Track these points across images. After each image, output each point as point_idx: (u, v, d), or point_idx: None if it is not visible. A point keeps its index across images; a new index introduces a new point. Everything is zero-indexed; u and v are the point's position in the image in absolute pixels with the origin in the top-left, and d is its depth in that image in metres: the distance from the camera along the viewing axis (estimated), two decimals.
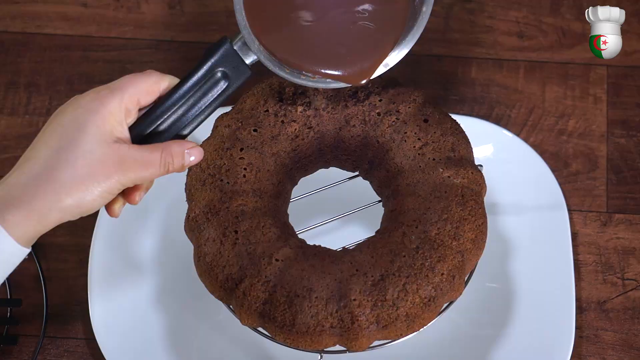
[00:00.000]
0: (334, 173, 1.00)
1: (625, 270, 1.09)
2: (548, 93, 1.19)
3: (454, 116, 0.98)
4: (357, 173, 1.00)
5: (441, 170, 0.92)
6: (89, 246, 1.08)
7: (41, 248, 1.11)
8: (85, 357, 1.07)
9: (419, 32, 0.90)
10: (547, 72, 1.20)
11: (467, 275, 0.93)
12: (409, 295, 0.88)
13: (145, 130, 0.84)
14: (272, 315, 0.88)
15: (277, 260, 0.89)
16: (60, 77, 1.22)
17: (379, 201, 0.98)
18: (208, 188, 0.93)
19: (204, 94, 0.86)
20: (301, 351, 0.91)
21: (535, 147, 1.14)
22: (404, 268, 0.88)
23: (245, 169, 0.93)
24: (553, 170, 1.12)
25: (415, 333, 0.91)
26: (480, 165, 0.96)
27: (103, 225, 1.09)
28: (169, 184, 1.08)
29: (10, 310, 1.09)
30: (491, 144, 1.12)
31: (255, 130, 0.95)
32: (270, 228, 0.91)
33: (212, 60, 0.86)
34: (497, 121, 1.17)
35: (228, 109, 0.99)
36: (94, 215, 1.11)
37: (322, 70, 0.88)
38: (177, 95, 0.85)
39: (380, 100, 0.96)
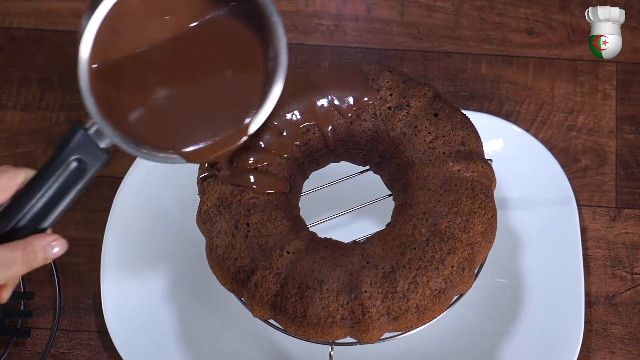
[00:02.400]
0: (345, 167, 1.01)
1: (634, 265, 1.10)
2: (557, 89, 1.20)
3: (463, 112, 0.98)
4: (367, 167, 1.00)
5: (451, 163, 0.93)
6: (101, 240, 1.09)
7: None
8: (98, 350, 1.08)
9: (273, 101, 0.88)
10: (557, 68, 1.21)
11: (477, 268, 0.94)
12: (419, 287, 0.88)
13: (4, 230, 0.82)
14: (283, 307, 0.89)
15: (288, 252, 0.90)
16: (73, 73, 1.21)
17: (390, 195, 0.99)
18: (220, 181, 0.93)
19: (62, 185, 0.83)
20: (312, 343, 0.92)
21: (545, 142, 1.15)
22: (414, 260, 0.89)
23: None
24: (562, 166, 1.12)
25: (425, 325, 0.91)
26: (490, 160, 0.96)
27: (115, 219, 1.10)
28: (180, 179, 1.09)
29: (24, 303, 1.09)
30: (501, 140, 1.13)
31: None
32: (281, 221, 0.92)
33: (66, 150, 0.82)
34: (507, 117, 1.17)
35: None
36: (107, 210, 1.12)
37: (178, 150, 0.87)
38: (33, 190, 0.82)
39: (390, 95, 0.97)
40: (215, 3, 0.84)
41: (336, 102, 0.96)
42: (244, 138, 0.88)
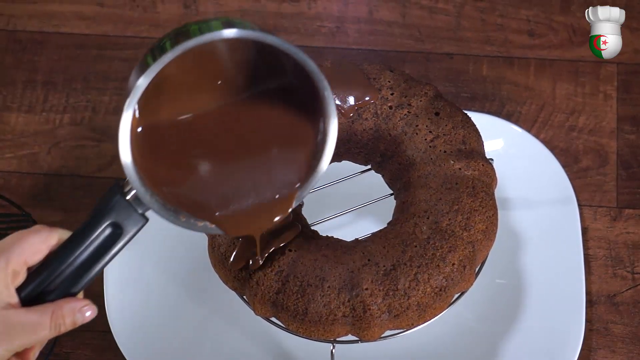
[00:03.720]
0: (347, 166, 1.01)
1: (635, 265, 1.10)
2: (558, 90, 1.20)
3: (464, 112, 0.99)
4: (369, 166, 1.01)
5: (452, 162, 0.93)
6: None
7: None
8: (101, 349, 1.08)
9: (318, 177, 0.85)
10: (558, 69, 1.21)
11: (478, 267, 0.94)
12: (421, 285, 0.89)
13: (35, 292, 0.79)
14: (285, 304, 0.89)
15: (290, 250, 0.90)
16: (77, 75, 1.23)
17: (391, 194, 0.99)
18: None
19: (96, 249, 0.80)
20: (313, 341, 0.92)
21: (546, 143, 1.15)
22: (416, 258, 0.89)
23: None
24: (563, 166, 1.13)
25: (426, 323, 0.91)
26: (491, 159, 0.97)
27: None
28: None
29: None
30: (502, 140, 1.13)
31: None
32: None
33: (103, 213, 0.80)
34: (508, 118, 1.18)
35: None
36: None
37: (217, 221, 0.84)
38: (66, 254, 0.80)
39: (392, 94, 0.97)
40: (267, 74, 0.82)
41: (337, 101, 0.96)
42: (284, 215, 0.85)
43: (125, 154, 0.77)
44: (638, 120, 1.18)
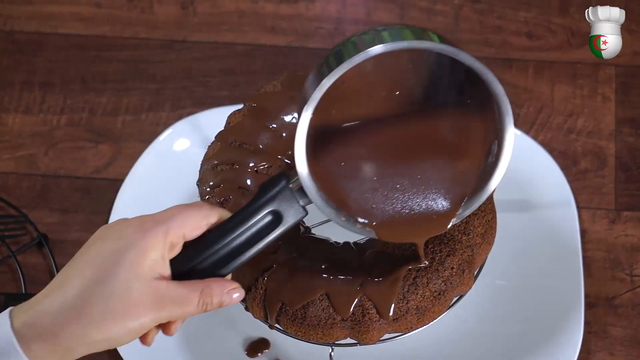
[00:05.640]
0: None
1: (634, 267, 1.10)
2: (557, 92, 1.20)
3: None
4: None
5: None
6: None
7: (56, 244, 1.12)
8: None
9: (484, 198, 0.85)
10: (556, 71, 1.21)
11: (477, 270, 0.94)
12: (419, 289, 0.89)
13: (186, 266, 0.80)
14: (283, 308, 0.89)
15: (289, 253, 0.90)
16: (75, 77, 1.23)
17: None
18: (219, 175, 0.94)
19: (253, 235, 0.81)
20: (312, 344, 0.92)
21: (544, 145, 1.15)
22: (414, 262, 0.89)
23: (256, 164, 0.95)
24: (562, 168, 1.13)
25: (425, 327, 0.91)
26: None
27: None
28: (181, 182, 1.09)
29: None
30: None
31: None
32: None
33: (265, 199, 0.81)
34: None
35: (240, 106, 1.00)
36: (108, 212, 1.12)
37: (376, 225, 0.85)
38: (223, 235, 0.80)
39: None
40: (445, 88, 0.82)
41: None
42: (445, 229, 0.85)
43: (301, 146, 0.79)
44: (636, 122, 1.18)
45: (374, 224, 0.85)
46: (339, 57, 0.76)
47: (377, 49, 0.75)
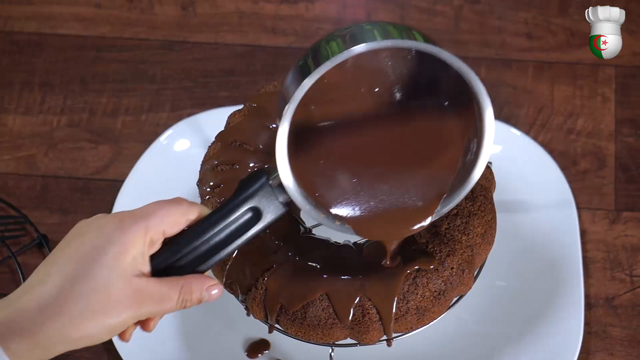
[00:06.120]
0: None
1: (634, 267, 1.10)
2: (557, 93, 1.20)
3: None
4: None
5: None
6: None
7: (56, 245, 1.12)
8: (99, 351, 1.08)
9: (461, 196, 0.86)
10: (556, 72, 1.21)
11: (477, 270, 0.94)
12: (419, 289, 0.89)
13: (165, 263, 0.80)
14: (283, 308, 0.89)
15: (289, 253, 0.90)
16: (74, 77, 1.23)
17: None
18: (219, 175, 0.94)
19: (232, 232, 0.81)
20: (312, 344, 0.92)
21: (544, 145, 1.15)
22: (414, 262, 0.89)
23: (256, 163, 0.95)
24: (562, 169, 1.13)
25: (425, 327, 0.91)
26: (490, 162, 0.97)
27: None
28: (180, 183, 1.09)
29: None
30: (500, 143, 1.13)
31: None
32: (282, 222, 0.92)
33: (244, 195, 0.81)
34: (506, 120, 1.18)
35: (240, 106, 1.00)
36: (108, 213, 1.12)
37: (354, 223, 0.85)
38: (202, 231, 0.80)
39: None
40: (424, 86, 0.83)
41: None
42: (422, 227, 0.86)
43: (282, 146, 0.79)
44: (636, 123, 1.18)
45: (352, 221, 0.85)
46: (321, 55, 0.75)
47: (360, 47, 0.75)
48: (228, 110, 1.01)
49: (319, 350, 0.96)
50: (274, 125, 0.96)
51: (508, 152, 1.13)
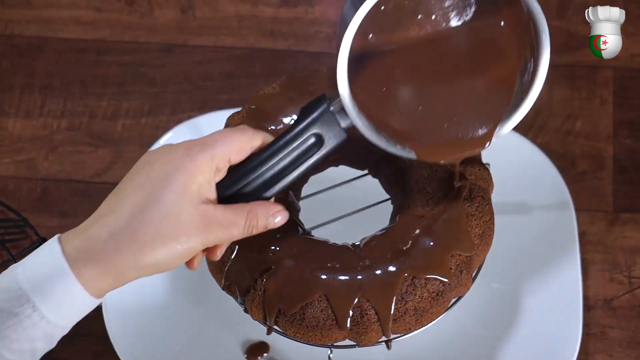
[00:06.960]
0: (344, 171, 1.01)
1: (632, 269, 1.10)
2: (555, 95, 1.20)
3: None
4: (366, 171, 1.01)
5: (449, 167, 0.94)
6: None
7: None
8: (99, 354, 1.08)
9: (524, 112, 0.87)
10: (554, 74, 1.21)
11: (475, 271, 0.94)
12: (418, 290, 0.89)
13: (231, 190, 0.81)
14: (282, 309, 0.90)
15: (288, 255, 0.90)
16: (75, 80, 1.24)
17: (388, 199, 0.99)
18: None
19: (296, 157, 0.82)
20: (311, 346, 0.92)
21: (543, 147, 1.15)
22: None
23: None
24: (560, 170, 1.13)
25: (423, 328, 0.91)
26: (488, 164, 0.97)
27: None
28: None
29: None
30: (498, 144, 1.13)
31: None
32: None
33: (307, 122, 0.82)
34: None
35: (239, 109, 1.00)
36: None
37: (416, 144, 0.86)
38: (268, 157, 0.81)
39: None
40: (483, 8, 0.83)
41: None
42: (483, 147, 0.87)
43: (343, 70, 0.80)
44: (634, 124, 1.18)
45: (414, 143, 0.86)
46: None
47: None
48: (228, 113, 1.01)
49: (317, 351, 0.96)
50: (273, 127, 0.96)
51: (506, 154, 1.12)
